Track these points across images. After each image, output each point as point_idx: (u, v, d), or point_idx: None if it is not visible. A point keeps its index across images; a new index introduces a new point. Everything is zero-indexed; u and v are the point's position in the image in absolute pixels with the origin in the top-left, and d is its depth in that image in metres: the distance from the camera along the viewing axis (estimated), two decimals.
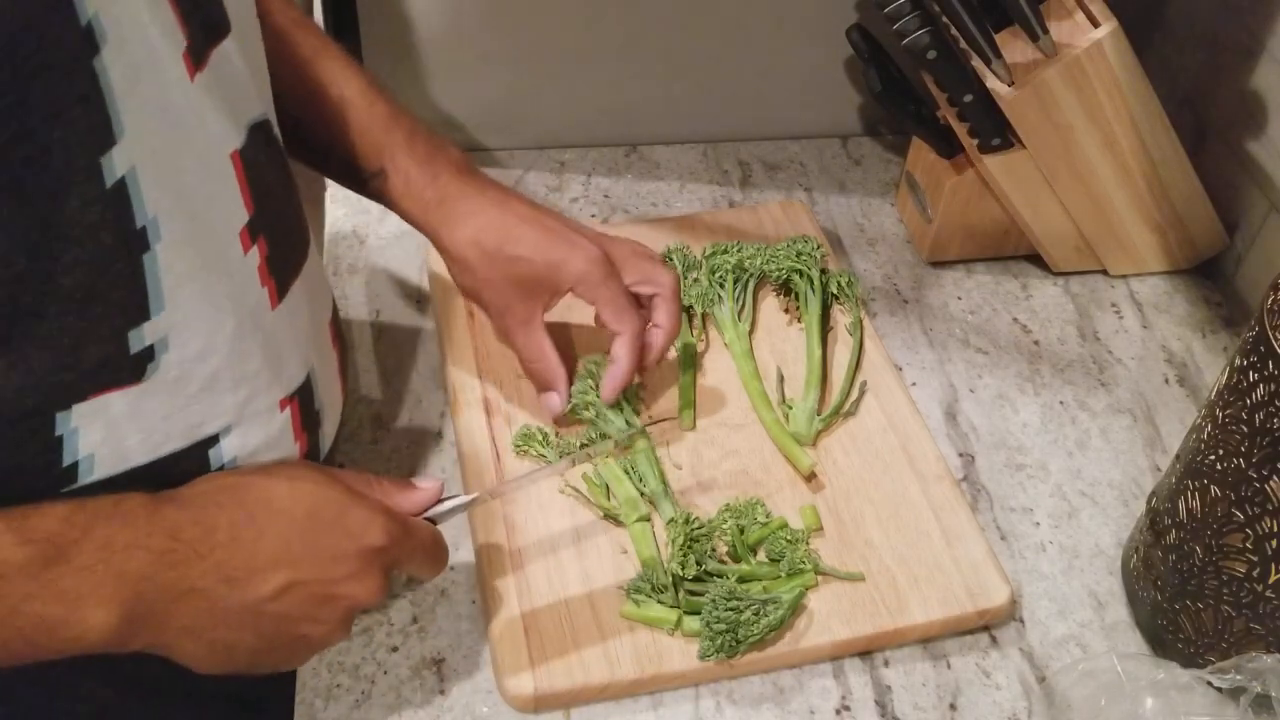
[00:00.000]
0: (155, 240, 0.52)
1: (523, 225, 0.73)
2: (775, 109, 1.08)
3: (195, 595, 0.52)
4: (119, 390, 0.53)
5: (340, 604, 0.57)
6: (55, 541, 0.49)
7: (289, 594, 0.55)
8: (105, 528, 0.50)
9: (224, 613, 0.53)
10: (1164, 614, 0.71)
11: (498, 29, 0.98)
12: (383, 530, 0.58)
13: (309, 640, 0.57)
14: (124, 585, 0.50)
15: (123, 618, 0.50)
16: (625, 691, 0.68)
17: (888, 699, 0.69)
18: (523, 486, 0.74)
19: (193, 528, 0.53)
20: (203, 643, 0.54)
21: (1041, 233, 0.94)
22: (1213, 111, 0.98)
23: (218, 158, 0.55)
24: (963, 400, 0.87)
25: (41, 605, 0.48)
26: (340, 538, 0.56)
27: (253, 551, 0.54)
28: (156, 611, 0.51)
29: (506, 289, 0.74)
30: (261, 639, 0.55)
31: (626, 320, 0.74)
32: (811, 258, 0.88)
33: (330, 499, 0.57)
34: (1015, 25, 0.84)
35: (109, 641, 0.50)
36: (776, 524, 0.74)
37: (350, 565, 0.56)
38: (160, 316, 0.53)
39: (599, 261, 0.73)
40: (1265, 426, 0.60)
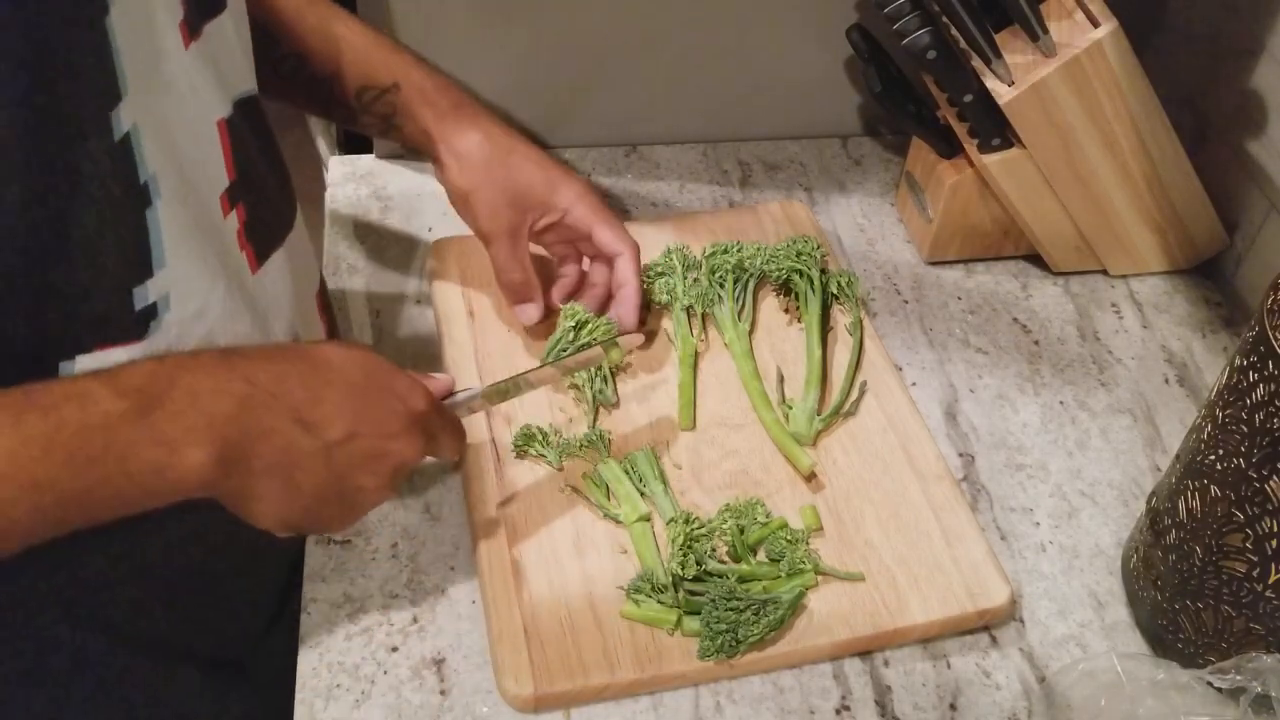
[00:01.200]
0: (156, 196, 0.55)
1: (525, 146, 0.79)
2: (775, 109, 1.08)
3: (274, 435, 0.55)
4: (123, 347, 0.56)
5: (391, 459, 0.60)
6: (147, 391, 0.52)
7: (352, 442, 0.58)
8: (189, 377, 0.53)
9: (298, 453, 0.56)
10: (1164, 614, 0.71)
11: (497, 29, 0.98)
12: (424, 397, 0.63)
13: (363, 493, 0.60)
14: (213, 427, 0.53)
15: (215, 457, 0.53)
16: (625, 691, 0.68)
17: (888, 699, 0.69)
18: (521, 390, 0.74)
19: (266, 374, 0.56)
20: (278, 483, 0.56)
21: (1041, 233, 0.94)
22: (1213, 111, 0.98)
23: (205, 124, 0.59)
24: (963, 400, 0.87)
25: (146, 450, 0.51)
26: (391, 399, 0.61)
27: (320, 399, 0.57)
28: (243, 450, 0.54)
29: (500, 196, 0.78)
30: (328, 482, 0.58)
31: (625, 240, 0.80)
32: (811, 258, 0.88)
33: (380, 367, 0.62)
34: (1015, 25, 0.84)
35: (206, 481, 0.53)
36: (776, 524, 0.74)
37: (400, 423, 0.61)
38: (161, 274, 0.57)
39: (592, 190, 0.80)
40: (1265, 426, 0.60)
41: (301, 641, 0.70)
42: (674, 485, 0.76)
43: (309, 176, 1.06)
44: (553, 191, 0.78)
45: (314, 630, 0.70)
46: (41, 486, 0.49)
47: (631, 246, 0.81)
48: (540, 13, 0.97)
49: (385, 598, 0.72)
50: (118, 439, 0.51)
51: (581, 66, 1.02)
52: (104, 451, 0.50)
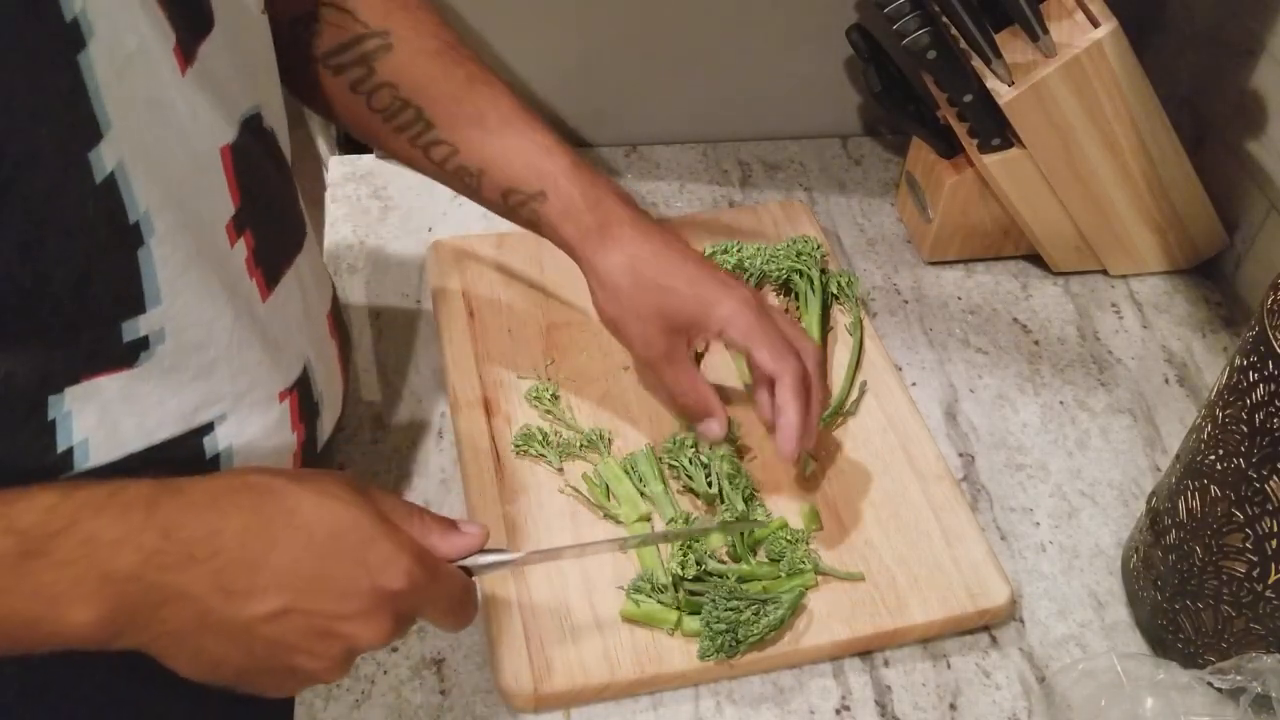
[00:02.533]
0: (149, 234, 0.52)
1: (681, 260, 0.72)
2: (775, 109, 1.08)
3: (185, 601, 0.49)
4: (111, 374, 0.53)
5: (340, 642, 0.52)
6: (35, 533, 0.47)
7: (286, 619, 0.51)
8: (93, 521, 0.48)
9: (214, 624, 0.50)
10: (1164, 614, 0.71)
11: (497, 29, 0.98)
12: (405, 573, 0.53)
13: (300, 672, 0.53)
14: (107, 584, 0.47)
15: (104, 617, 0.48)
16: (625, 691, 0.68)
17: (888, 699, 0.69)
18: (578, 555, 0.68)
19: (196, 526, 0.49)
20: (188, 650, 0.51)
21: (1041, 233, 0.94)
22: (1213, 111, 0.98)
23: (207, 151, 0.56)
24: (963, 400, 0.87)
25: (18, 600, 0.47)
26: (356, 570, 0.52)
27: (258, 565, 0.50)
28: (142, 613, 0.49)
29: (652, 321, 0.72)
30: (250, 659, 0.51)
31: (787, 362, 0.70)
32: (811, 258, 0.88)
33: (357, 525, 0.52)
34: (1015, 25, 0.84)
35: (90, 640, 0.48)
36: (776, 524, 0.74)
37: (360, 603, 0.52)
38: (155, 310, 0.53)
39: (750, 304, 0.71)
40: (1265, 426, 0.60)
41: None
42: (673, 485, 0.76)
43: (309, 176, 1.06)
44: (706, 313, 0.71)
45: None
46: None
47: (792, 368, 0.70)
48: (540, 13, 0.97)
49: None
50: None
51: (582, 66, 1.02)
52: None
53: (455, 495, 0.77)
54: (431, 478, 0.79)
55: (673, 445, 0.77)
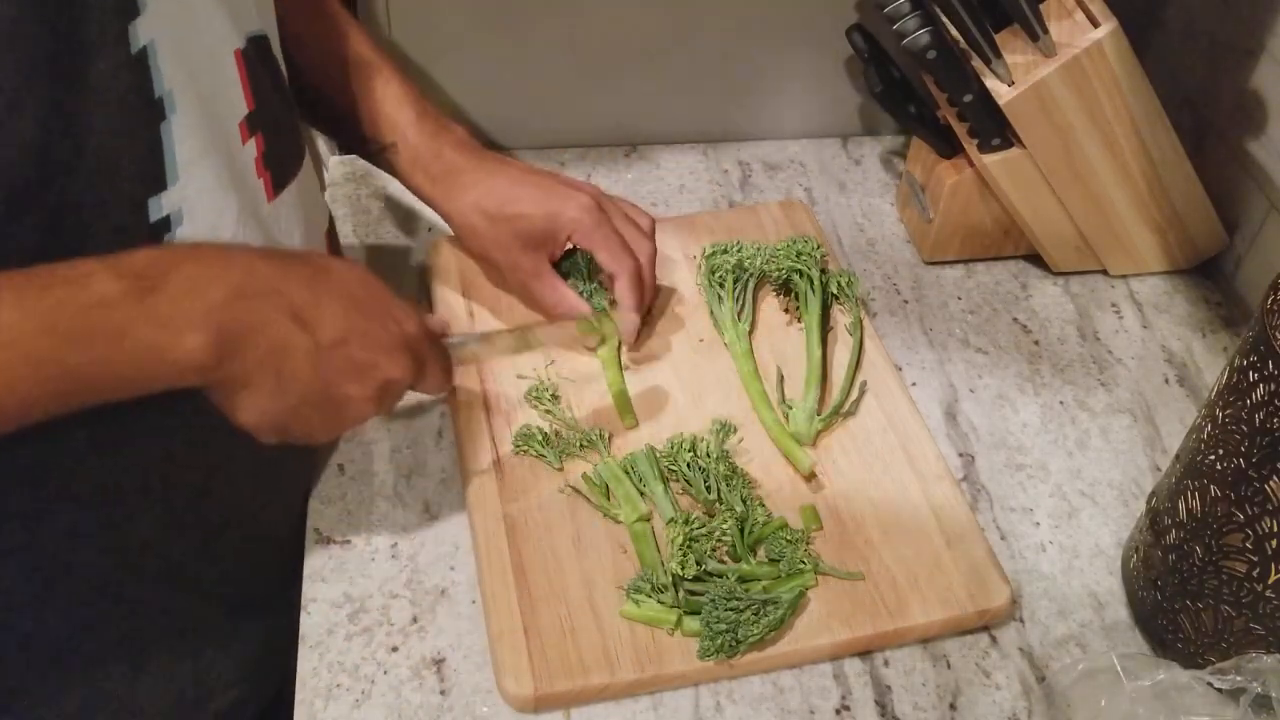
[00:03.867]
0: (170, 112, 0.56)
1: (519, 185, 0.80)
2: (775, 109, 1.08)
3: (268, 327, 0.57)
4: None
5: (379, 372, 0.61)
6: (147, 275, 0.53)
7: (343, 347, 0.59)
8: (189, 265, 0.55)
9: (290, 349, 0.57)
10: (1164, 614, 0.71)
11: (497, 29, 0.98)
12: (417, 323, 0.65)
13: (349, 403, 0.61)
14: (210, 313, 0.54)
15: (212, 342, 0.54)
16: (625, 691, 0.68)
17: (888, 699, 0.69)
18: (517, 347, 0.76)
19: (266, 268, 0.58)
20: (268, 377, 0.57)
21: (1041, 233, 0.94)
22: (1213, 111, 0.98)
23: (223, 52, 0.61)
24: (963, 400, 0.87)
25: (145, 330, 0.53)
26: (385, 317, 0.62)
27: (318, 301, 0.59)
28: (238, 339, 0.55)
29: (512, 246, 0.81)
30: (315, 383, 0.59)
31: (622, 261, 0.80)
32: (811, 258, 0.88)
33: (378, 286, 0.64)
34: (1015, 25, 0.84)
35: (201, 365, 0.54)
36: (776, 524, 0.74)
37: (390, 340, 0.62)
38: (175, 188, 0.58)
39: (591, 208, 0.80)
40: (1265, 426, 0.60)
41: (301, 641, 0.70)
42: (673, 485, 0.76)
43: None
44: (554, 222, 0.80)
45: (314, 630, 0.70)
46: (43, 361, 0.50)
47: (627, 267, 0.81)
48: (541, 13, 0.97)
49: (385, 598, 0.72)
50: (115, 318, 0.52)
51: (581, 66, 1.02)
52: (103, 329, 0.52)
53: (455, 495, 0.77)
54: (431, 478, 0.79)
55: (670, 449, 0.77)
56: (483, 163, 0.81)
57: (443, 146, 0.81)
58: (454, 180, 0.80)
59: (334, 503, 0.77)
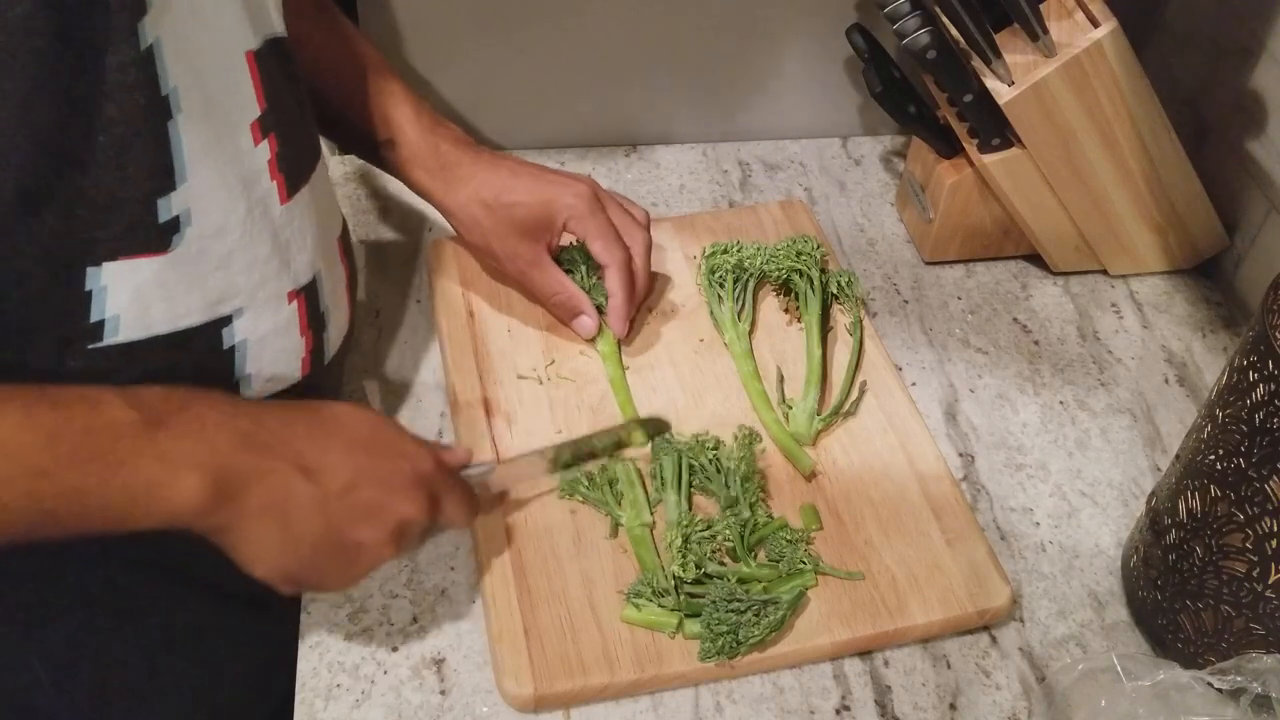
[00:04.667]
0: (176, 110, 0.57)
1: (516, 176, 0.81)
2: (775, 109, 1.08)
3: (272, 476, 0.57)
4: (147, 257, 0.59)
5: (392, 515, 0.61)
6: (158, 409, 0.54)
7: (352, 493, 0.59)
8: (198, 406, 0.56)
9: (296, 499, 0.58)
10: (1164, 614, 0.71)
11: (498, 29, 0.98)
12: (431, 460, 0.64)
13: (362, 549, 0.61)
14: (213, 456, 0.55)
15: (210, 486, 0.54)
16: (625, 691, 0.68)
17: (888, 699, 0.69)
18: (539, 468, 0.73)
19: (273, 420, 0.59)
20: (274, 528, 0.57)
21: (1041, 233, 0.94)
22: (1213, 111, 0.98)
23: (232, 52, 0.61)
24: (963, 400, 0.87)
25: (145, 464, 0.53)
26: (396, 459, 0.62)
27: (325, 450, 0.59)
28: (238, 487, 0.56)
29: (510, 235, 0.81)
30: (325, 533, 0.59)
31: (614, 251, 0.81)
32: (811, 257, 0.88)
33: (388, 428, 0.64)
34: (1015, 25, 0.84)
35: (197, 508, 0.54)
36: (777, 524, 0.74)
37: (403, 481, 0.62)
38: (184, 187, 0.58)
39: (586, 196, 0.81)
40: (1265, 426, 0.60)
41: (301, 641, 0.70)
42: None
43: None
44: (551, 210, 0.81)
45: (314, 630, 0.70)
46: (40, 474, 0.51)
47: (619, 259, 0.81)
48: (541, 13, 0.97)
49: (385, 598, 0.72)
50: (120, 446, 0.52)
51: (581, 66, 1.02)
52: (105, 454, 0.52)
53: None
54: None
55: (694, 444, 0.77)
56: (479, 156, 0.82)
57: (439, 142, 0.82)
58: (451, 174, 0.81)
59: None
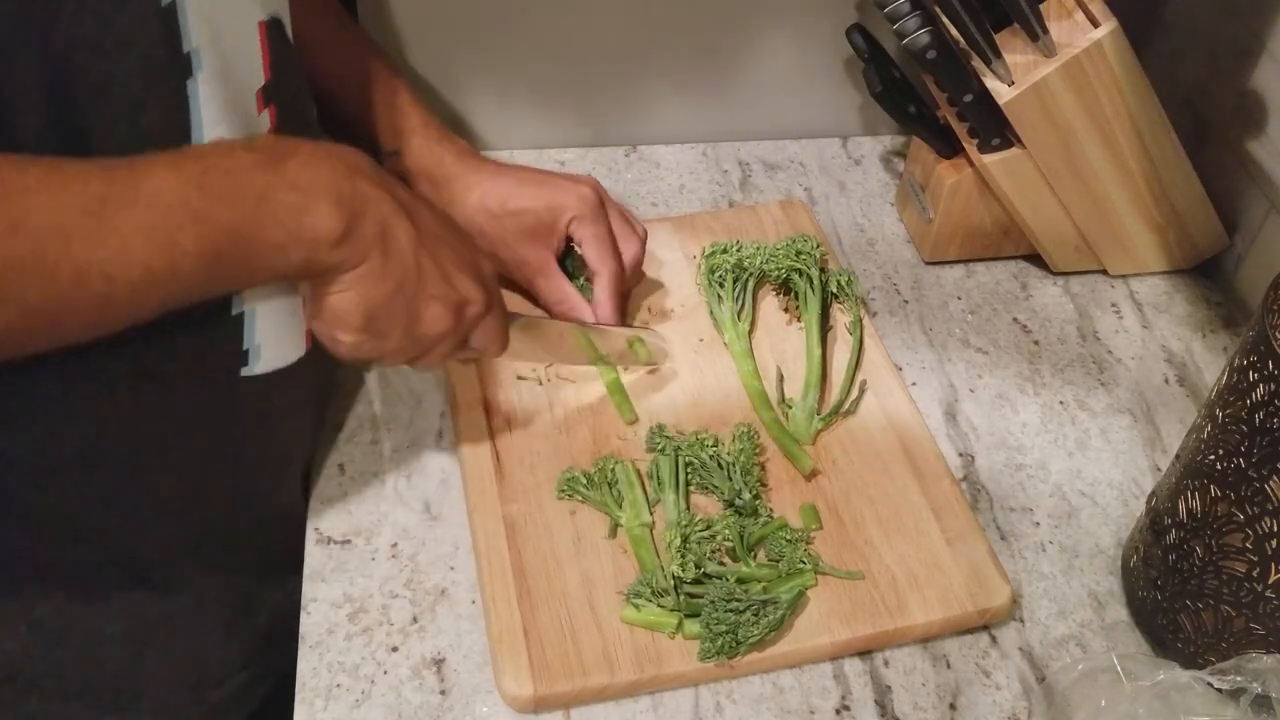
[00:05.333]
0: (198, 69, 0.57)
1: (521, 185, 0.82)
2: (775, 109, 1.08)
3: (381, 205, 0.60)
4: None
5: (459, 289, 0.64)
6: (277, 149, 0.57)
7: (438, 247, 0.63)
8: (308, 145, 0.58)
9: (396, 231, 0.60)
10: (1164, 614, 0.71)
11: (497, 29, 0.98)
12: (489, 264, 0.68)
13: (431, 307, 0.63)
14: (335, 182, 0.58)
15: (342, 211, 0.57)
16: (625, 692, 0.68)
17: (888, 699, 0.69)
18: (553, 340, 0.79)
19: (365, 161, 0.61)
20: (378, 257, 0.60)
21: (1041, 233, 0.94)
22: (1213, 111, 0.98)
23: (247, 20, 0.61)
24: (963, 400, 0.87)
25: (284, 194, 0.56)
26: (468, 244, 0.67)
27: (414, 199, 0.63)
28: (358, 212, 0.58)
29: (517, 242, 0.82)
30: (413, 271, 0.62)
31: (607, 261, 0.82)
32: (811, 257, 0.88)
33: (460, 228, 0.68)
34: (1015, 25, 0.84)
35: (336, 233, 0.57)
36: (776, 524, 0.74)
37: (473, 266, 0.66)
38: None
39: (591, 201, 0.82)
40: (1265, 426, 0.60)
41: (301, 641, 0.70)
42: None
43: None
44: (556, 214, 0.81)
45: (314, 630, 0.70)
46: (201, 217, 0.53)
47: (610, 269, 0.82)
48: (541, 13, 0.97)
49: (385, 598, 0.72)
50: (257, 182, 0.55)
51: (581, 66, 1.02)
52: (249, 190, 0.55)
53: (455, 495, 0.77)
54: (431, 478, 0.79)
55: (693, 441, 0.77)
56: (483, 166, 0.83)
57: (444, 154, 0.83)
58: (456, 184, 0.82)
59: (334, 503, 0.77)
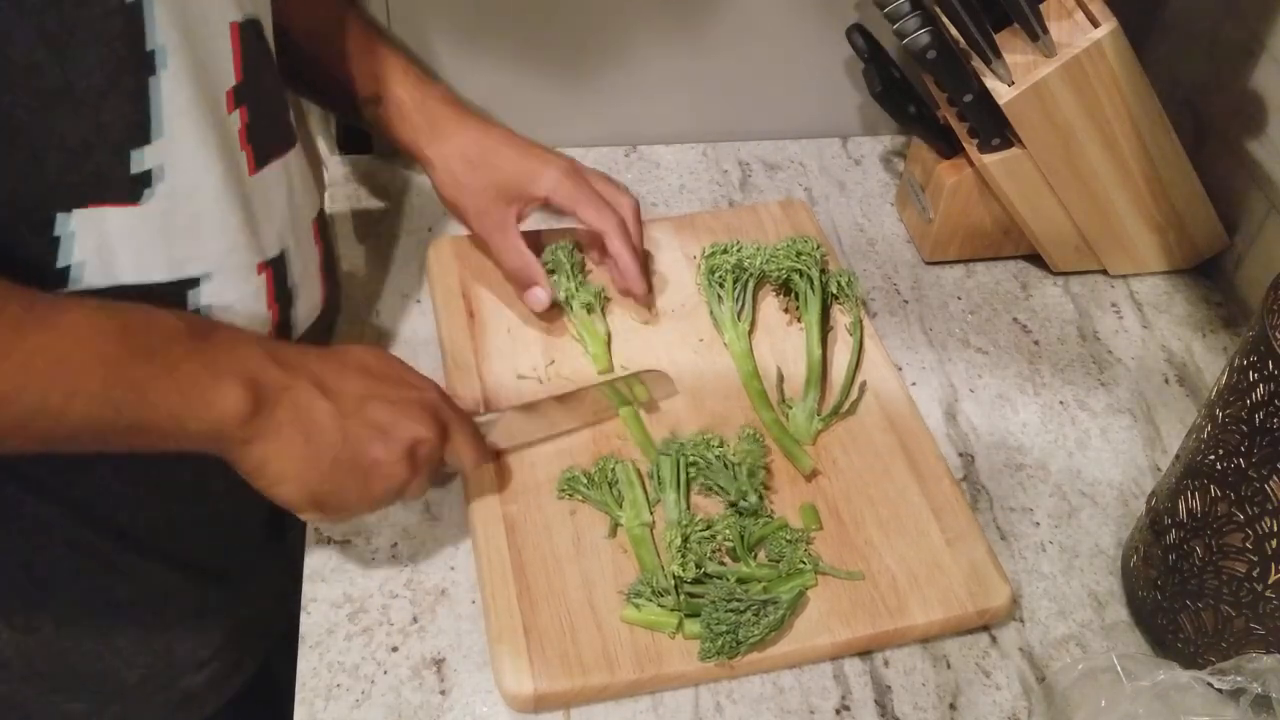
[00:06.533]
0: (161, 67, 0.57)
1: (503, 142, 0.83)
2: (775, 109, 1.08)
3: (296, 391, 0.60)
4: (116, 206, 0.59)
5: (402, 433, 0.64)
6: (199, 325, 0.59)
7: (365, 408, 0.63)
8: (227, 329, 0.61)
9: (316, 414, 0.61)
10: (1164, 614, 0.71)
11: (497, 29, 0.98)
12: (438, 392, 0.68)
13: (378, 466, 0.63)
14: (247, 369, 0.59)
15: (249, 396, 0.58)
16: (625, 691, 0.68)
17: (888, 699, 0.69)
18: (543, 427, 0.78)
19: (290, 347, 0.63)
20: (297, 441, 0.61)
21: (1041, 233, 0.94)
22: (1213, 111, 0.98)
23: (220, 20, 0.62)
24: (963, 400, 0.87)
25: (195, 369, 0.57)
26: (406, 387, 0.66)
27: (339, 374, 0.63)
28: (269, 398, 0.59)
29: (485, 195, 0.83)
30: (343, 449, 0.62)
31: (607, 217, 0.83)
32: (811, 257, 0.88)
33: (395, 361, 0.68)
34: (1015, 25, 0.84)
35: (237, 415, 0.58)
36: (777, 524, 0.74)
37: (413, 405, 0.65)
38: (159, 142, 0.59)
39: (569, 171, 0.82)
40: (1265, 426, 0.60)
41: (301, 641, 0.70)
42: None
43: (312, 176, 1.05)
44: (532, 180, 0.82)
45: (314, 630, 0.70)
46: (112, 363, 0.54)
47: (614, 223, 0.83)
48: (541, 13, 0.97)
49: (385, 598, 0.72)
50: (175, 349, 0.56)
51: (581, 66, 1.02)
52: (164, 353, 0.56)
53: (455, 495, 0.77)
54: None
55: (699, 441, 0.77)
56: (467, 115, 0.84)
57: (427, 98, 0.84)
58: (439, 126, 0.83)
59: None
